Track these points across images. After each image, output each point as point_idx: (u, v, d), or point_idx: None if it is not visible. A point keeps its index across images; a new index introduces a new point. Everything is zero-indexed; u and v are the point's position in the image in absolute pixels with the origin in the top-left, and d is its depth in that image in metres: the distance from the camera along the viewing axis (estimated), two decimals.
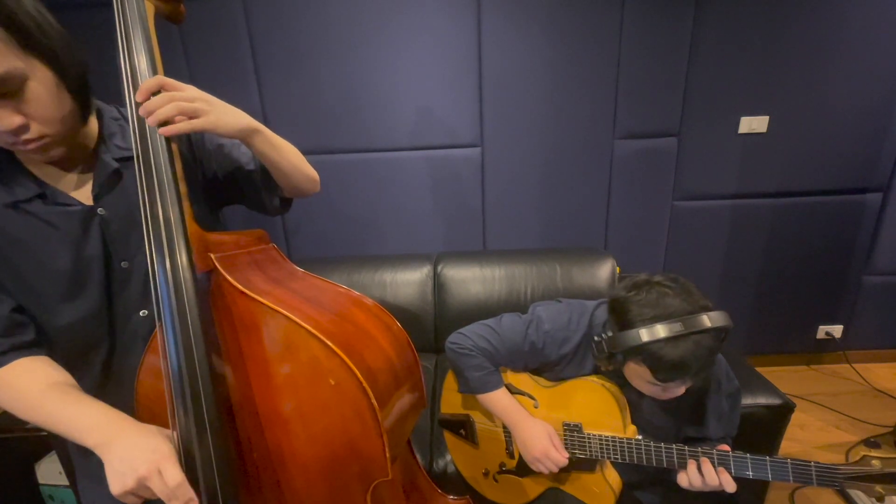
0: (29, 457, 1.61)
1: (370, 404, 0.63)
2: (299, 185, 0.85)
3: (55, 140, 0.63)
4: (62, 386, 0.67)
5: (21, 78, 0.56)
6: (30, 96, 0.58)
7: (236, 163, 0.84)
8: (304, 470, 0.68)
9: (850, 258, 2.22)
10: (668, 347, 0.80)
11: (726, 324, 0.82)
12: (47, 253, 0.68)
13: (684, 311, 0.82)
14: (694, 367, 0.81)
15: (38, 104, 0.59)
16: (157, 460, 0.59)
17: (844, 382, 2.29)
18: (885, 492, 0.76)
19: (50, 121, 0.61)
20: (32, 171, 0.68)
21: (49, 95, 0.60)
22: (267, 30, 1.89)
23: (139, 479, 0.58)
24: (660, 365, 0.82)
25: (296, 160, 0.82)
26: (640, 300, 0.86)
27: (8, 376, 0.67)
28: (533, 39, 1.91)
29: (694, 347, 0.80)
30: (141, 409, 0.72)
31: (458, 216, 2.17)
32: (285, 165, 0.79)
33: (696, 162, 2.08)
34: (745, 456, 0.86)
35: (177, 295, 0.61)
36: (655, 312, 0.83)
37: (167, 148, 0.64)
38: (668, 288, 0.85)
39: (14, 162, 0.67)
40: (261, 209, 0.89)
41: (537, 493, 1.13)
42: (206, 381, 0.62)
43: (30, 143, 0.60)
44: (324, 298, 0.72)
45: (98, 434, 0.63)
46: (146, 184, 0.63)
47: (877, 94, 1.96)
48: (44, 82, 0.59)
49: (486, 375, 1.07)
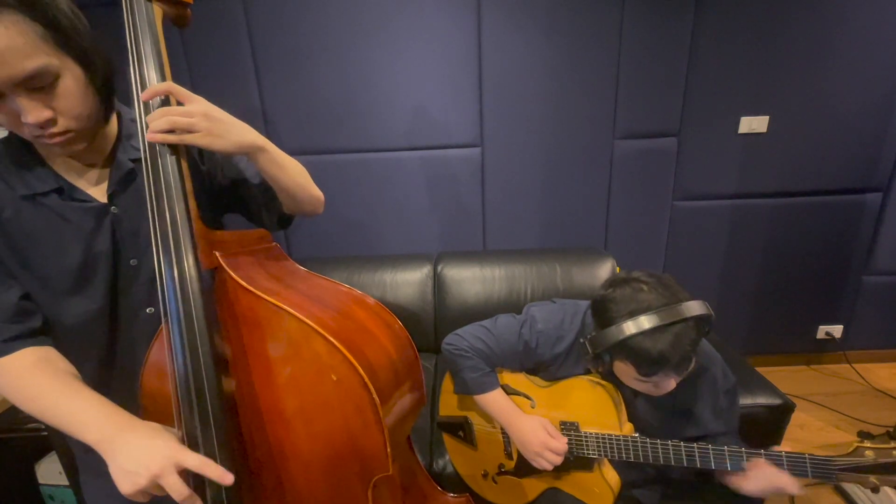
0: (29, 457, 1.60)
1: (372, 400, 0.63)
2: (302, 205, 0.85)
3: (79, 135, 0.64)
4: (66, 378, 0.67)
5: (54, 74, 0.58)
6: (60, 92, 0.60)
7: (241, 174, 0.84)
8: (305, 465, 0.69)
9: (850, 258, 2.22)
10: (648, 341, 0.81)
11: (703, 312, 0.82)
12: (58, 246, 0.69)
13: (660, 304, 0.82)
14: (675, 359, 0.81)
15: (67, 100, 0.61)
16: (171, 455, 0.59)
17: (844, 382, 2.29)
18: (880, 482, 0.77)
19: (76, 116, 0.62)
20: (52, 166, 0.69)
21: (78, 92, 0.61)
22: (267, 30, 1.89)
23: (152, 476, 0.58)
24: (641, 359, 0.83)
25: (301, 180, 0.82)
26: (616, 297, 0.87)
27: (12, 364, 0.67)
28: (533, 39, 1.91)
29: (673, 339, 0.80)
30: (147, 406, 0.73)
31: (458, 216, 2.17)
32: (290, 184, 0.79)
33: (696, 162, 2.08)
34: (740, 450, 0.87)
35: (182, 291, 0.62)
36: (631, 307, 0.84)
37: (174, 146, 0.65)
38: (643, 283, 0.86)
39: (34, 155, 0.69)
40: (259, 223, 0.90)
41: (536, 493, 1.13)
42: (211, 378, 0.63)
43: (55, 137, 0.62)
44: (326, 296, 0.73)
45: (98, 431, 0.62)
46: (153, 181, 0.64)
47: (877, 94, 1.97)
48: (74, 79, 0.61)
49: (482, 376, 1.07)
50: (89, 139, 0.67)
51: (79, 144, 0.66)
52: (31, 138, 0.63)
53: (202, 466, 0.59)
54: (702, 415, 1.00)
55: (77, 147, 0.66)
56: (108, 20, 0.69)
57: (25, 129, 0.61)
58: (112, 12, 0.68)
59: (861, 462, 0.77)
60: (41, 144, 0.66)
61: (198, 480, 0.62)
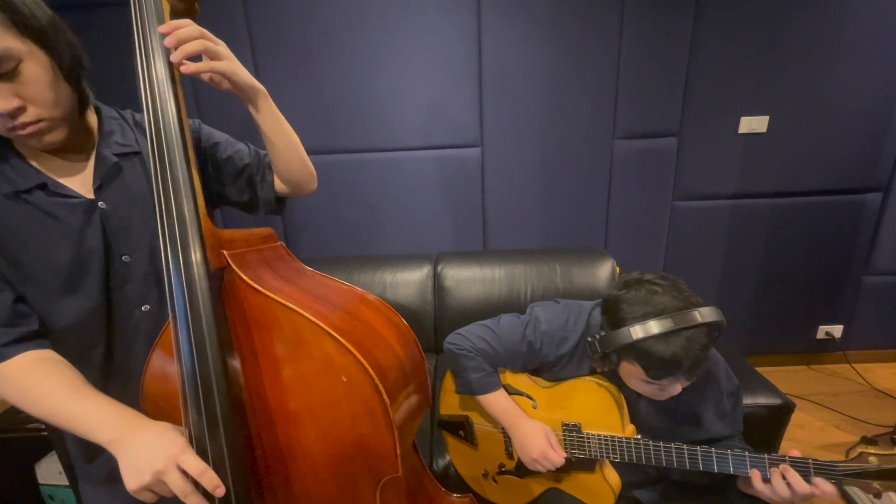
0: (29, 457, 1.60)
1: (382, 401, 0.63)
2: (297, 173, 0.85)
3: (51, 125, 0.63)
4: (71, 380, 0.67)
5: (16, 59, 0.57)
6: (26, 78, 0.59)
7: (231, 159, 0.84)
8: (314, 467, 0.68)
9: (850, 258, 2.23)
10: (660, 344, 0.80)
11: (717, 319, 0.82)
12: (48, 244, 0.68)
13: (674, 308, 0.82)
14: (686, 364, 0.81)
15: (34, 86, 0.59)
16: (175, 453, 0.59)
17: (844, 382, 2.29)
18: (883, 488, 0.76)
19: (46, 103, 0.61)
20: (32, 162, 0.68)
21: (45, 78, 0.60)
22: (267, 30, 1.89)
23: (155, 473, 0.58)
24: (651, 362, 0.82)
25: (295, 140, 0.82)
26: (629, 298, 0.86)
27: (14, 370, 0.67)
28: (533, 39, 1.91)
29: (685, 343, 0.80)
30: (149, 406, 0.72)
31: (459, 216, 2.17)
32: (285, 141, 0.80)
33: (696, 162, 2.08)
34: (743, 454, 0.86)
35: (190, 291, 0.61)
36: (645, 310, 0.83)
37: (182, 142, 0.64)
38: (658, 285, 0.86)
39: (14, 152, 0.67)
40: (254, 206, 0.89)
41: (537, 493, 1.13)
42: (219, 378, 0.62)
43: (27, 127, 0.61)
44: (333, 296, 0.72)
45: (110, 431, 0.62)
46: (161, 178, 0.63)
47: (877, 94, 1.97)
48: (39, 64, 0.60)
49: (484, 377, 1.07)
50: (65, 130, 0.66)
51: (54, 136, 0.65)
52: (3, 132, 0.62)
53: (200, 472, 0.59)
54: (705, 418, 1.00)
55: (53, 139, 0.65)
56: (116, 18, 0.68)
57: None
58: (120, 11, 0.68)
59: (865, 468, 0.77)
60: (17, 139, 0.65)
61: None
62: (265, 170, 0.86)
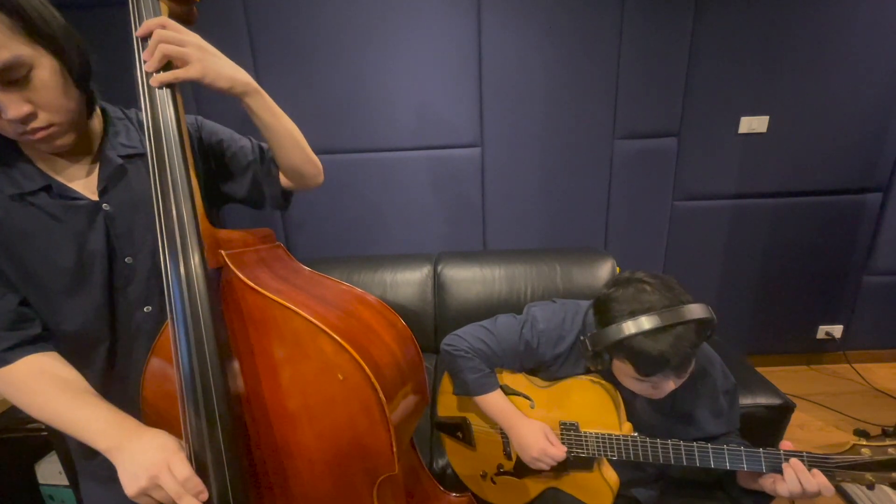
0: (29, 457, 1.60)
1: (378, 399, 0.63)
2: (301, 165, 0.84)
3: (62, 129, 0.64)
4: (73, 386, 0.68)
5: (28, 65, 0.57)
6: (37, 84, 0.59)
7: (235, 156, 0.84)
8: (311, 465, 0.69)
9: (850, 258, 2.23)
10: (649, 341, 0.81)
11: (705, 316, 0.82)
12: (51, 246, 0.68)
13: (662, 305, 0.82)
14: (674, 361, 0.81)
15: (45, 92, 0.60)
16: (166, 458, 0.60)
17: (844, 382, 2.29)
18: (876, 479, 0.77)
19: (57, 109, 0.62)
20: (38, 164, 0.68)
21: (55, 83, 0.61)
22: (267, 30, 1.89)
23: (150, 477, 0.59)
24: (640, 359, 0.83)
25: (296, 133, 0.81)
26: (619, 296, 0.87)
27: (18, 374, 0.67)
28: (533, 39, 1.91)
29: (674, 340, 0.80)
30: (148, 408, 0.73)
31: (459, 216, 2.17)
32: (285, 136, 0.79)
33: (696, 162, 2.08)
34: (739, 449, 0.87)
35: (189, 291, 0.62)
36: (633, 307, 0.84)
37: (180, 143, 0.64)
38: (647, 284, 0.86)
39: (20, 154, 0.68)
40: (260, 202, 0.89)
41: (536, 493, 1.13)
42: (218, 377, 0.63)
43: (38, 132, 0.61)
44: (330, 296, 0.73)
45: (109, 438, 0.64)
46: (159, 180, 0.63)
47: (877, 94, 1.97)
48: (50, 70, 0.60)
49: (482, 377, 1.07)
50: (74, 134, 0.66)
51: (63, 139, 0.65)
52: (15, 136, 0.62)
53: (184, 478, 0.60)
54: (701, 416, 1.00)
55: (62, 142, 0.65)
56: (114, 20, 0.68)
57: (9, 127, 0.60)
58: (118, 12, 0.68)
59: (858, 460, 0.78)
60: (26, 142, 0.65)
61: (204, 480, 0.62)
62: (270, 165, 0.86)
